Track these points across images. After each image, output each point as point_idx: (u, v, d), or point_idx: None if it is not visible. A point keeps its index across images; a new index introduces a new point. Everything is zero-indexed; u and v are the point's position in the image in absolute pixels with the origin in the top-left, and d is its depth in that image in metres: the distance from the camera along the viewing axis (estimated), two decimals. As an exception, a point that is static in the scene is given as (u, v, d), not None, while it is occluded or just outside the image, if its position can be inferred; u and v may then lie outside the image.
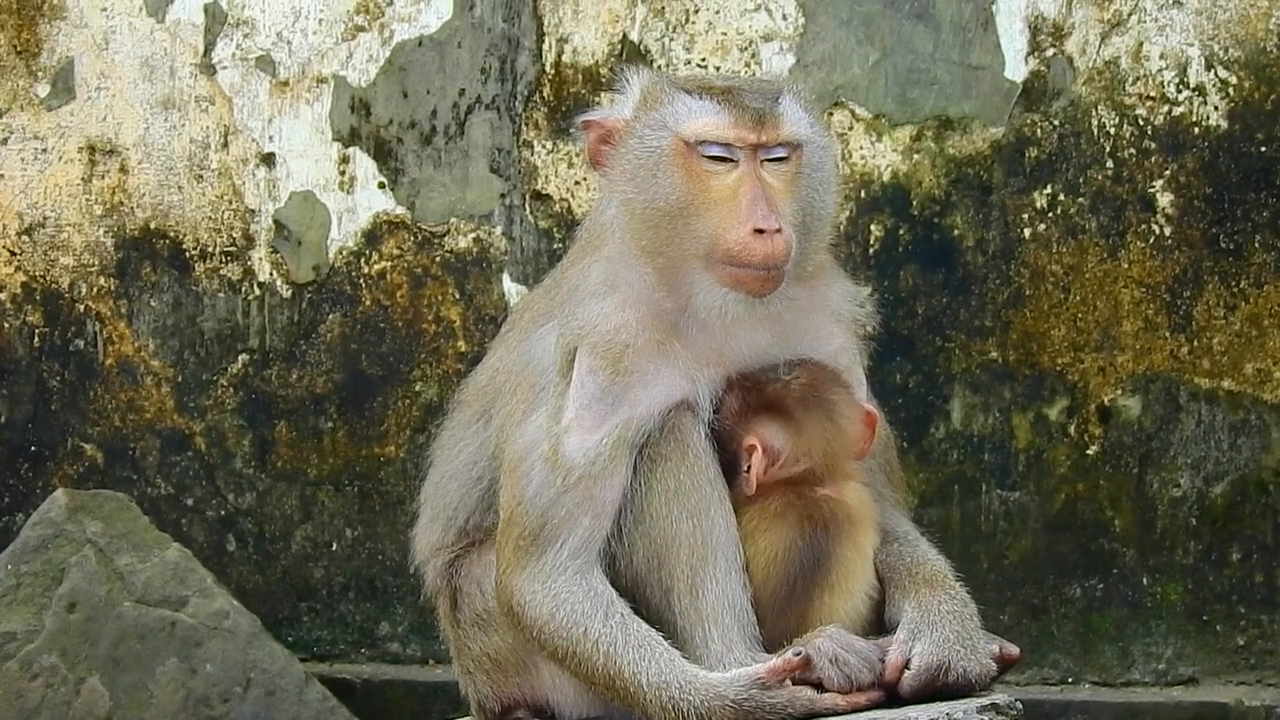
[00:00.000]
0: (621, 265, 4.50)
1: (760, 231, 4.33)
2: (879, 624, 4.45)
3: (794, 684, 4.21)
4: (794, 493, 4.45)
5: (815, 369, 4.53)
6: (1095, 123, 6.62)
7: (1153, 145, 6.59)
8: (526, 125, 6.97)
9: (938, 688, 4.26)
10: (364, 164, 7.10)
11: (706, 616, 4.35)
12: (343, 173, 7.11)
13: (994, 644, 4.43)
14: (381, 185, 7.09)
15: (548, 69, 6.95)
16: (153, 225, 7.26)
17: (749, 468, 4.46)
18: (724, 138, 4.40)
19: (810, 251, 4.51)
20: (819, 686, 4.21)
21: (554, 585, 4.40)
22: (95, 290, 7.29)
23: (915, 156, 6.73)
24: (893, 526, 4.62)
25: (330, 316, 7.13)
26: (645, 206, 4.43)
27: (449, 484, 4.81)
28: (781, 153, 4.44)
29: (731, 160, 4.40)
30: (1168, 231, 6.58)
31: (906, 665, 4.29)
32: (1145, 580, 6.62)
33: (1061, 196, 6.64)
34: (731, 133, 4.40)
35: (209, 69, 7.21)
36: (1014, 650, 4.49)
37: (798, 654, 4.21)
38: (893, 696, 4.27)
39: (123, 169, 7.26)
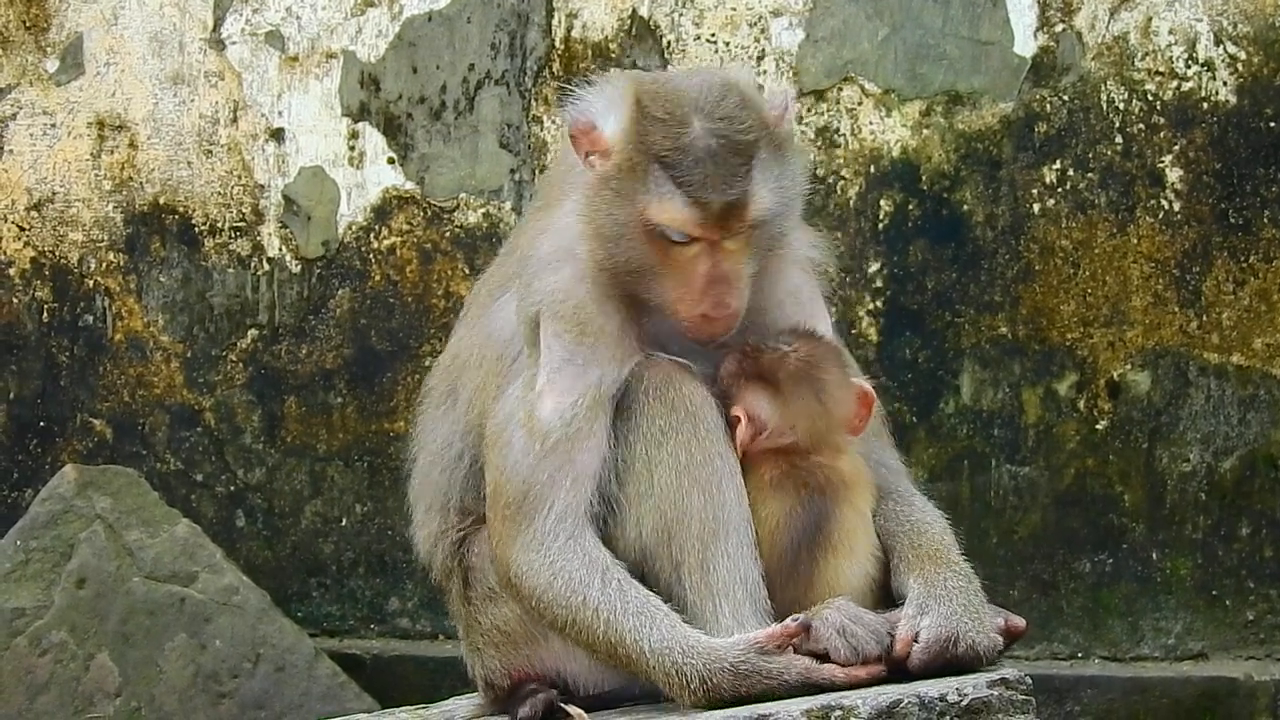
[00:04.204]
0: (573, 240, 4.49)
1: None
2: (888, 591, 4.46)
3: (797, 653, 4.21)
4: (787, 462, 4.46)
5: (816, 344, 4.53)
6: (1104, 98, 6.62)
7: (1162, 120, 6.59)
8: (536, 101, 6.97)
9: (947, 660, 4.25)
10: (373, 139, 7.10)
11: (717, 591, 4.35)
12: (352, 148, 7.10)
13: (999, 618, 4.43)
14: (391, 161, 7.09)
15: (557, 44, 6.94)
16: (162, 200, 7.26)
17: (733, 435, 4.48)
18: (690, 232, 4.37)
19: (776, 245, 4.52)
20: (823, 658, 4.22)
21: (548, 553, 4.39)
22: (104, 266, 7.30)
23: (925, 132, 6.72)
24: (885, 481, 4.61)
25: (340, 292, 7.14)
26: (607, 244, 4.41)
27: (432, 470, 4.80)
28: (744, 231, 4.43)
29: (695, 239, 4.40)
30: (1177, 207, 6.58)
31: (915, 639, 4.29)
32: (1155, 555, 6.62)
33: (1071, 172, 6.63)
34: (698, 230, 4.36)
35: (218, 44, 7.21)
36: (1020, 623, 4.50)
37: (797, 620, 4.22)
38: (902, 673, 4.27)
39: (132, 144, 7.26)
